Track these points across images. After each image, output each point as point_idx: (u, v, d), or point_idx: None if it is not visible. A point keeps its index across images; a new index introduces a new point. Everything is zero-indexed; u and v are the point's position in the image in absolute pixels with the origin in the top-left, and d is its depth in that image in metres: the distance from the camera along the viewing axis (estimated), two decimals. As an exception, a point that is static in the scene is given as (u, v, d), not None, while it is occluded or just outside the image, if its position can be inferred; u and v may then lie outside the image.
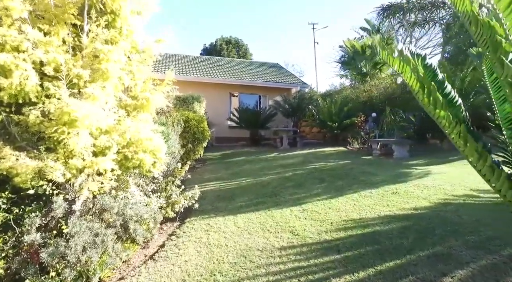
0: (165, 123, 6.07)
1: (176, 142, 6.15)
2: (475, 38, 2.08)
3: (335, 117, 11.36)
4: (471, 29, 2.08)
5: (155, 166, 3.91)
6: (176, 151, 5.86)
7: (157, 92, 4.30)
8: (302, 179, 6.31)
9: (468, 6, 2.09)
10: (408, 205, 4.01)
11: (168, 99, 9.17)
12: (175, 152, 5.70)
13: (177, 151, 6.05)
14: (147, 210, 3.53)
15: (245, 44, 30.30)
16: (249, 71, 16.91)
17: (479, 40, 2.05)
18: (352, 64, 15.32)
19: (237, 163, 9.31)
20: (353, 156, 8.73)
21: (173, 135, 5.99)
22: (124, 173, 3.86)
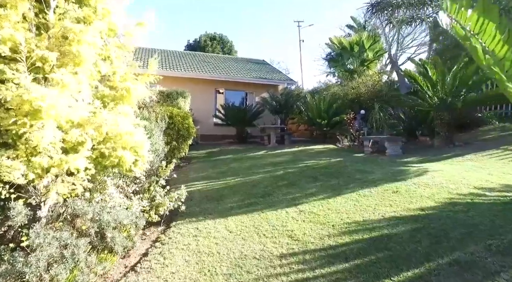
0: (148, 118, 5.60)
1: (160, 138, 5.69)
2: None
3: (324, 115, 11.14)
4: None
5: (136, 164, 3.46)
6: (160, 148, 5.40)
7: (139, 83, 3.85)
8: (295, 177, 5.99)
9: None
10: (412, 205, 3.76)
11: (151, 93, 8.66)
12: (159, 149, 5.25)
13: (161, 148, 5.60)
14: (127, 214, 3.09)
15: (230, 40, 29.77)
16: (235, 67, 16.49)
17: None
18: (339, 61, 15.19)
19: (224, 161, 8.91)
20: (344, 153, 8.51)
21: (156, 132, 5.53)
22: (101, 172, 3.41)
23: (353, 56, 14.20)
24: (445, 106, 7.27)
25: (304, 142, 12.48)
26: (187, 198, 5.35)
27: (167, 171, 4.32)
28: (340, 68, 15.39)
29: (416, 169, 5.58)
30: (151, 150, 4.98)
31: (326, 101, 11.54)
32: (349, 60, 14.68)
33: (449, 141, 7.61)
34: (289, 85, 15.97)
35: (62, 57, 2.70)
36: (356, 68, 14.28)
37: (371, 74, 13.09)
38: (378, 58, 14.56)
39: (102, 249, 2.68)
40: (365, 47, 13.74)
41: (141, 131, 3.54)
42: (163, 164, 4.35)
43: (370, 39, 13.72)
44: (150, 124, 5.29)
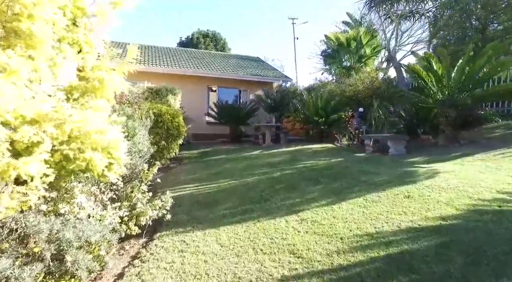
0: (132, 116, 5.05)
1: (145, 137, 5.14)
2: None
3: (322, 112, 10.68)
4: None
5: (111, 168, 2.92)
6: (144, 148, 4.85)
7: (116, 73, 3.31)
8: (294, 180, 5.51)
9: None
10: (430, 213, 3.29)
11: (137, 89, 8.05)
12: (143, 149, 4.70)
13: (147, 149, 5.04)
14: (97, 229, 2.56)
15: (223, 38, 29.15)
16: (229, 64, 15.94)
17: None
18: (336, 57, 14.75)
19: (218, 161, 8.39)
20: (344, 153, 8.06)
21: (141, 130, 4.97)
22: (67, 178, 2.87)
23: (350, 52, 13.77)
24: (451, 103, 6.86)
25: (300, 141, 12.02)
26: (175, 204, 4.84)
27: (149, 174, 3.79)
28: (336, 64, 14.96)
29: (425, 170, 5.13)
30: (135, 151, 4.45)
31: (323, 99, 11.09)
32: (346, 56, 14.26)
33: (454, 139, 7.21)
34: (284, 83, 15.49)
35: (9, 36, 2.16)
36: (353, 65, 13.86)
37: (368, 71, 12.67)
38: (376, 55, 14.18)
39: (61, 275, 2.15)
40: (362, 43, 13.32)
41: (116, 130, 3.00)
42: (145, 167, 3.81)
43: (368, 35, 13.30)
44: (134, 122, 4.75)
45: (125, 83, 3.46)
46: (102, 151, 2.81)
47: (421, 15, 11.37)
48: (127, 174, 3.92)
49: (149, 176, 3.74)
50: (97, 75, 3.05)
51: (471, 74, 6.73)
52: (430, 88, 7.39)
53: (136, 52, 3.49)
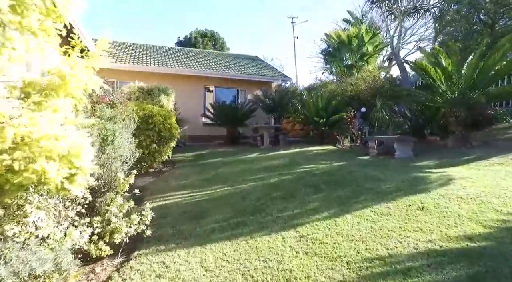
0: (113, 118, 4.57)
1: (127, 141, 4.66)
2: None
3: (322, 113, 10.19)
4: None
5: (73, 180, 2.44)
6: (126, 154, 4.36)
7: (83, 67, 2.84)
8: (292, 186, 5.02)
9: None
10: (452, 230, 2.80)
11: (130, 89, 7.54)
12: (124, 155, 4.21)
13: (130, 154, 4.56)
14: (48, 257, 2.08)
15: (221, 37, 28.68)
16: (226, 63, 15.47)
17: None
18: (337, 56, 14.28)
19: (212, 165, 7.91)
20: (347, 155, 7.56)
21: (123, 134, 4.49)
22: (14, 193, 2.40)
23: (352, 50, 13.29)
24: (462, 102, 6.36)
25: (300, 142, 11.53)
26: (161, 215, 4.37)
27: (125, 184, 3.30)
28: (337, 63, 14.48)
29: (438, 175, 4.64)
30: (115, 157, 3.97)
31: (324, 98, 10.60)
32: (347, 55, 13.76)
33: (465, 140, 6.71)
34: (283, 82, 15.03)
35: None
36: (355, 63, 13.38)
37: (371, 69, 12.18)
38: (378, 53, 13.68)
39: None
40: (364, 41, 12.83)
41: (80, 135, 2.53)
42: (119, 176, 3.32)
43: (370, 33, 12.82)
44: (115, 124, 4.26)
45: (97, 81, 2.97)
46: (60, 160, 2.33)
47: (425, 10, 10.89)
48: (102, 184, 3.45)
49: (125, 186, 3.26)
50: (58, 70, 2.58)
51: (485, 71, 6.24)
52: (439, 86, 6.90)
53: (106, 44, 3.00)
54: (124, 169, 4.48)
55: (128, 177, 3.33)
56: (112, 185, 3.33)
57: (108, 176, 3.39)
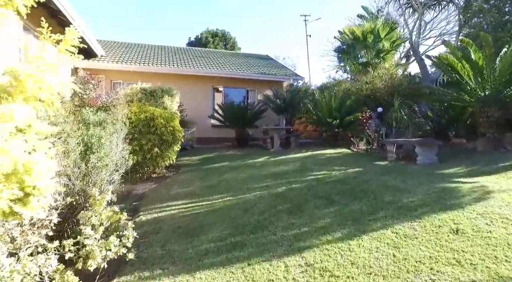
0: (102, 122, 4.16)
1: (118, 149, 4.24)
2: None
3: (336, 113, 9.58)
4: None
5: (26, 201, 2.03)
6: (117, 162, 3.94)
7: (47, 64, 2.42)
8: (301, 197, 4.49)
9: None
10: (504, 266, 2.20)
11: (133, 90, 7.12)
12: (114, 163, 3.79)
13: (121, 162, 4.14)
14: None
15: (232, 37, 28.29)
16: (235, 63, 15.02)
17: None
18: (351, 53, 13.58)
19: (218, 170, 7.46)
20: (363, 160, 6.95)
21: (112, 140, 4.07)
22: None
23: (367, 47, 12.56)
24: (495, 100, 5.65)
25: (313, 144, 10.94)
26: (153, 230, 3.93)
27: (101, 202, 2.85)
28: (352, 61, 13.77)
29: (470, 186, 4.00)
30: (100, 166, 3.55)
31: (337, 98, 9.97)
32: (362, 52, 13.03)
33: (498, 143, 5.98)
34: (295, 82, 14.44)
35: None
36: (370, 61, 12.64)
37: (387, 66, 11.45)
38: (395, 49, 12.89)
39: None
40: (380, 37, 12.08)
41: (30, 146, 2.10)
42: (94, 192, 2.86)
43: (386, 27, 12.06)
44: (102, 130, 3.85)
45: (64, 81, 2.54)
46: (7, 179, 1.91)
47: (448, 2, 10.08)
48: (77, 199, 3.02)
49: (100, 205, 2.81)
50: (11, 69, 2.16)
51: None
52: (467, 82, 6.19)
53: (76, 35, 2.59)
54: (115, 178, 4.08)
55: (105, 194, 2.87)
56: (87, 201, 2.89)
57: (83, 191, 2.96)
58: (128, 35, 56.11)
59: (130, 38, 50.98)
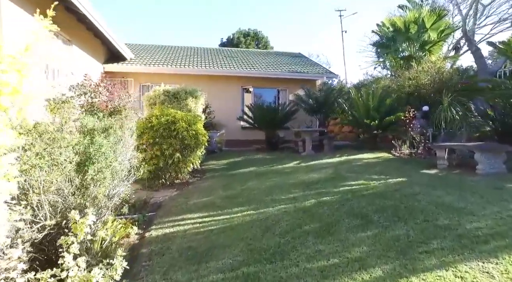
0: (108, 128, 3.78)
1: (126, 157, 3.85)
2: None
3: (374, 113, 8.61)
4: None
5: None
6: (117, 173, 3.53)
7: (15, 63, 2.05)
8: (332, 215, 3.79)
9: None
10: None
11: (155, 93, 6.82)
12: (110, 176, 3.35)
13: (125, 173, 3.74)
14: None
15: (265, 36, 27.75)
16: (266, 61, 14.45)
17: None
18: (391, 47, 12.37)
19: (243, 177, 6.95)
20: (406, 167, 6.02)
21: (118, 148, 3.68)
22: None
23: (410, 39, 11.31)
24: None
25: (349, 147, 10.04)
26: (159, 250, 3.47)
27: (82, 226, 2.39)
28: (392, 55, 12.55)
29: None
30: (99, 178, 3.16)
31: (376, 96, 8.99)
32: (404, 45, 11.78)
33: None
34: (329, 80, 13.54)
35: None
36: (413, 54, 11.39)
37: (434, 59, 10.17)
38: (444, 39, 11.44)
39: None
40: (425, 26, 10.76)
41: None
42: (73, 214, 2.41)
43: (433, 16, 10.72)
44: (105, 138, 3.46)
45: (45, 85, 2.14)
46: None
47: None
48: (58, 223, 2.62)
49: (82, 230, 2.36)
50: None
51: None
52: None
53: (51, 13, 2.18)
54: (120, 191, 3.70)
55: (85, 217, 2.41)
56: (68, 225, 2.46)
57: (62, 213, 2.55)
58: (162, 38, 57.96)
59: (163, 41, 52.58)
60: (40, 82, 6.29)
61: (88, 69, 8.62)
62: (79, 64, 8.16)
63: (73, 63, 7.87)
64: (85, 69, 8.21)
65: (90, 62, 9.18)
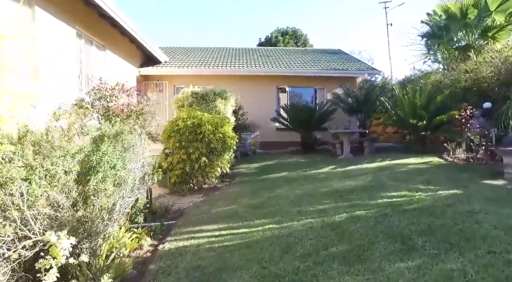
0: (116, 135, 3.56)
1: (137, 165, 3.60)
2: None
3: (422, 112, 7.62)
4: None
5: None
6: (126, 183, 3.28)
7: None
8: (365, 235, 3.20)
9: None
10: None
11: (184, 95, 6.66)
12: (111, 188, 3.10)
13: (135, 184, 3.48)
14: None
15: (304, 33, 26.86)
16: (302, 60, 13.81)
17: None
18: (443, 37, 11.01)
19: (273, 183, 6.52)
20: (463, 176, 5.10)
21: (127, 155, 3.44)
22: None
23: (467, 26, 9.91)
24: None
25: (392, 150, 9.10)
26: (166, 268, 3.14)
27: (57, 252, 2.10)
28: (445, 46, 11.16)
29: None
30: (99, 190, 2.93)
31: (424, 93, 7.96)
32: (461, 33, 10.38)
33: None
34: (371, 76, 12.52)
35: None
36: (472, 43, 9.99)
37: (500, 48, 8.78)
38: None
39: None
40: (489, 9, 9.24)
41: None
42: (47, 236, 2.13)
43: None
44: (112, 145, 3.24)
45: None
46: None
47: None
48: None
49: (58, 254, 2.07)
50: None
51: None
52: None
53: None
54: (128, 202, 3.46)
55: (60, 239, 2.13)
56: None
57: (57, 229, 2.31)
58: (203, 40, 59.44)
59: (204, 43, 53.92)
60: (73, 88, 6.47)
61: (123, 73, 8.81)
62: (113, 69, 8.34)
63: (107, 68, 8.05)
64: (119, 74, 8.37)
65: (125, 67, 9.39)
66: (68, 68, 6.32)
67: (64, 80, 6.08)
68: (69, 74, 6.35)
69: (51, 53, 5.68)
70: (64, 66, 6.10)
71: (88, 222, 2.84)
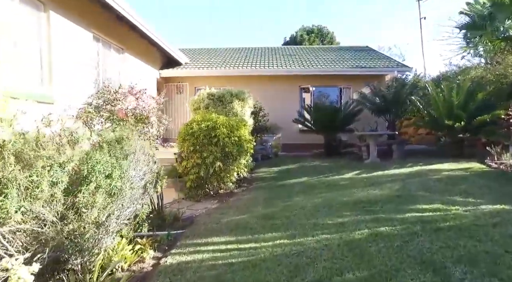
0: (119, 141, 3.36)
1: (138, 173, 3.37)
2: None
3: (459, 112, 6.84)
4: None
5: None
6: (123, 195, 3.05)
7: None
8: (388, 259, 2.73)
9: None
10: None
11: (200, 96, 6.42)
12: (98, 200, 2.87)
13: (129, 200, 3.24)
14: None
15: (330, 31, 25.96)
16: (327, 58, 13.23)
17: None
18: (487, 27, 9.92)
19: (291, 189, 6.15)
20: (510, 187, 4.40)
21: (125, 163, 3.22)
22: None
23: (516, 13, 8.89)
24: None
25: (425, 154, 8.34)
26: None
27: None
28: (488, 37, 10.10)
29: None
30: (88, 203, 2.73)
31: (462, 90, 7.16)
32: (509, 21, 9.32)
33: None
34: (401, 74, 11.67)
35: None
36: (521, 33, 8.92)
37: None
38: None
39: None
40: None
41: None
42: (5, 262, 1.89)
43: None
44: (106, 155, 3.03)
45: None
46: None
47: None
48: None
49: None
50: None
51: None
52: None
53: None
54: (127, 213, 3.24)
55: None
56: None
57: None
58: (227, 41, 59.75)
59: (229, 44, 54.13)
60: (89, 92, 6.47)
61: (142, 76, 8.79)
62: (132, 72, 8.34)
63: (126, 71, 8.05)
64: (138, 77, 8.35)
65: (145, 69, 9.40)
66: (84, 71, 6.33)
67: (80, 84, 6.08)
68: (85, 78, 6.35)
69: (66, 57, 5.68)
70: (79, 70, 6.10)
71: (78, 236, 2.64)
